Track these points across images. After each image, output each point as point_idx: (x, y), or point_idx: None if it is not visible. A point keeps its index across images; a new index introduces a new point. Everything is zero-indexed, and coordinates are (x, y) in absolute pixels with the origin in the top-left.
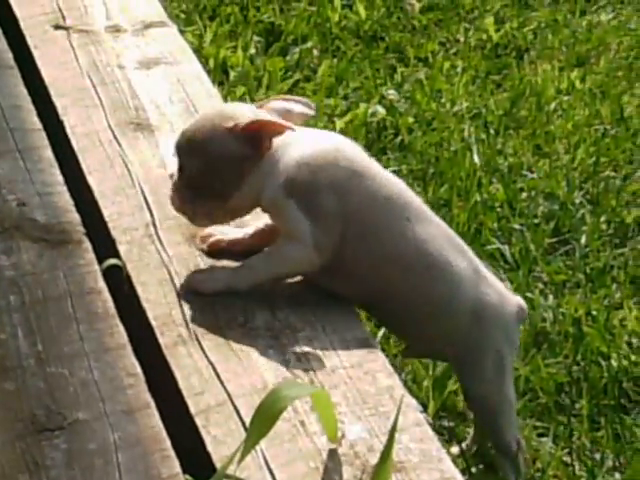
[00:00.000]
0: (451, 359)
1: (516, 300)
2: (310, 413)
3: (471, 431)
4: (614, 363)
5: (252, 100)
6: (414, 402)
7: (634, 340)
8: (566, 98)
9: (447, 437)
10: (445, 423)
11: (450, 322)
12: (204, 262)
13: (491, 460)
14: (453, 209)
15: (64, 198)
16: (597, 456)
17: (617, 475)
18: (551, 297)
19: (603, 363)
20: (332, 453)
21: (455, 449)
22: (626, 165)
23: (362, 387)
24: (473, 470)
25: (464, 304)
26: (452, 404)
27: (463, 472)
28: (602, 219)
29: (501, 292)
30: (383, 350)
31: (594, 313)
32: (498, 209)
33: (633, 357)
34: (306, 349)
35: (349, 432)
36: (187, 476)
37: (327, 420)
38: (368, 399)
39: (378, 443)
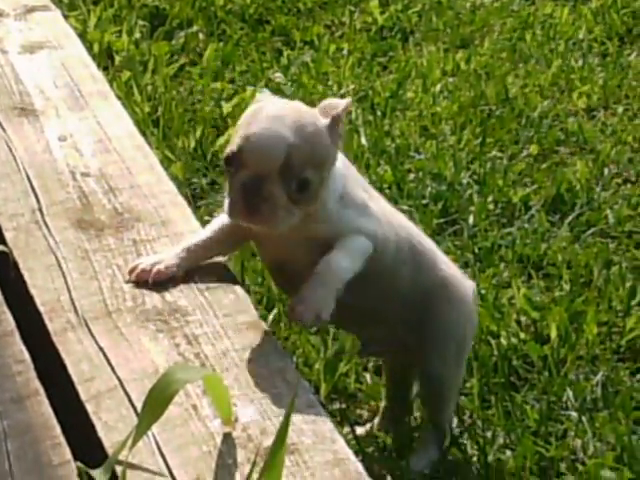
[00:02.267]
0: (413, 346)
1: (470, 281)
2: (202, 397)
3: (364, 413)
4: (503, 341)
5: (137, 85)
6: (306, 384)
7: (523, 318)
8: (452, 79)
9: (339, 419)
10: (337, 405)
11: (420, 303)
12: (90, 246)
13: (392, 441)
14: None
15: None
16: (488, 434)
17: (508, 452)
18: None
19: (492, 342)
20: (225, 437)
21: (361, 430)
22: (512, 145)
23: (254, 369)
24: (370, 450)
25: (433, 283)
26: (343, 386)
27: (357, 454)
28: (489, 199)
29: (459, 273)
30: (274, 333)
31: (483, 292)
32: (386, 190)
33: (522, 335)
34: (197, 332)
35: (242, 415)
36: (78, 463)
37: (220, 403)
38: (260, 381)
39: (271, 425)
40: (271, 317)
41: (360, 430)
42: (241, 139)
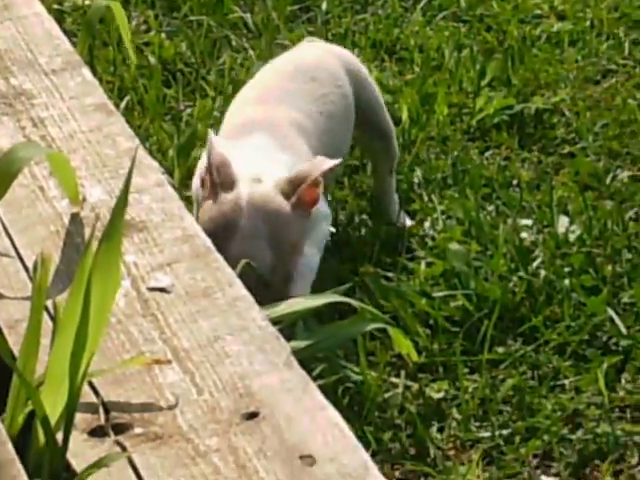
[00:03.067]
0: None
1: None
2: (49, 178)
3: None
4: None
5: None
6: (155, 164)
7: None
8: None
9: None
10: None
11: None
12: None
13: None
14: None
15: None
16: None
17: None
18: None
19: None
20: (73, 216)
21: None
22: None
23: (102, 150)
24: None
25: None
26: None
27: None
28: None
29: None
30: (127, 122)
31: None
32: None
33: None
34: (43, 115)
35: (90, 195)
36: None
37: (66, 183)
38: (108, 162)
39: None
40: (123, 104)
41: None
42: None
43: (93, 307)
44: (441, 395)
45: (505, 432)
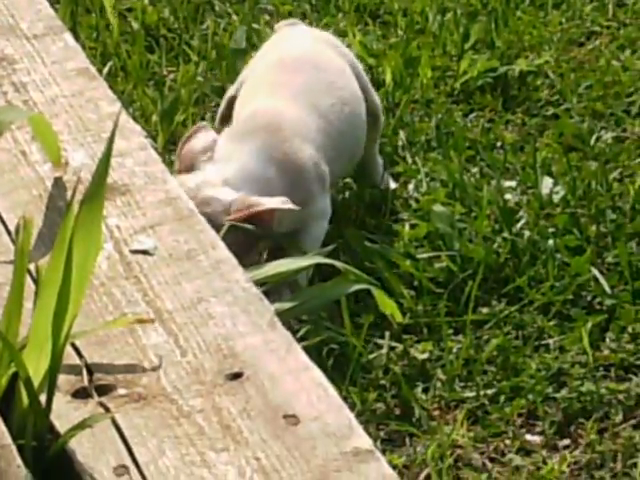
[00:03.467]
0: None
1: None
2: (31, 143)
3: None
4: None
5: None
6: (138, 128)
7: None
8: None
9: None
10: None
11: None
12: None
13: None
14: None
15: None
16: None
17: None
18: None
19: None
20: (56, 180)
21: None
22: None
23: (84, 115)
24: None
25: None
26: (182, 136)
27: None
28: None
29: None
30: (110, 87)
31: None
32: None
33: None
34: (24, 80)
35: (72, 160)
36: None
37: (49, 146)
38: (90, 126)
39: None
40: (106, 70)
41: None
42: None
43: (75, 269)
44: (425, 356)
45: (490, 392)
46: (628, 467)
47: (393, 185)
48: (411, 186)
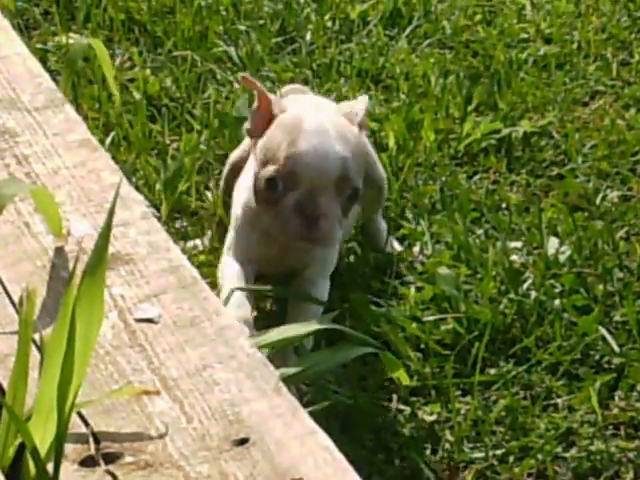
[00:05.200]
0: None
1: None
2: (34, 214)
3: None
4: None
5: None
6: (140, 197)
7: None
8: None
9: (182, 236)
10: (179, 224)
11: None
12: None
13: None
14: (177, 15)
15: None
16: None
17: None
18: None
19: None
20: (58, 251)
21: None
22: None
23: (86, 185)
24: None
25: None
26: (186, 204)
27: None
28: (327, 16)
29: None
30: (113, 158)
31: None
32: (223, 12)
33: None
34: (26, 152)
35: (75, 230)
36: None
37: (51, 217)
38: (92, 197)
39: None
40: (109, 140)
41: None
42: (289, 159)
43: (78, 339)
44: (434, 418)
45: (499, 452)
46: None
47: (398, 248)
48: (416, 249)
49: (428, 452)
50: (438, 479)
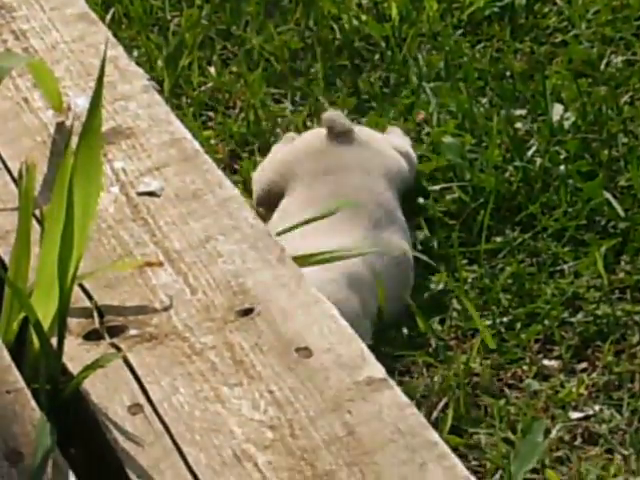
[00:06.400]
0: None
1: None
2: (33, 90)
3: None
4: (346, 25)
5: None
6: (140, 71)
7: (364, 1)
8: None
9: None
10: (183, 100)
11: None
12: None
13: None
14: None
15: None
16: None
17: None
18: None
19: (335, 25)
20: (59, 126)
21: None
22: None
23: (85, 60)
24: None
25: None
26: (186, 80)
27: None
28: None
29: None
30: (111, 29)
31: None
32: None
33: (363, 17)
34: (24, 27)
35: (75, 105)
36: None
37: (49, 92)
38: (92, 71)
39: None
40: (109, 17)
41: None
42: None
43: (77, 209)
44: (441, 287)
45: (506, 319)
46: None
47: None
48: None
49: (436, 322)
50: (446, 347)
